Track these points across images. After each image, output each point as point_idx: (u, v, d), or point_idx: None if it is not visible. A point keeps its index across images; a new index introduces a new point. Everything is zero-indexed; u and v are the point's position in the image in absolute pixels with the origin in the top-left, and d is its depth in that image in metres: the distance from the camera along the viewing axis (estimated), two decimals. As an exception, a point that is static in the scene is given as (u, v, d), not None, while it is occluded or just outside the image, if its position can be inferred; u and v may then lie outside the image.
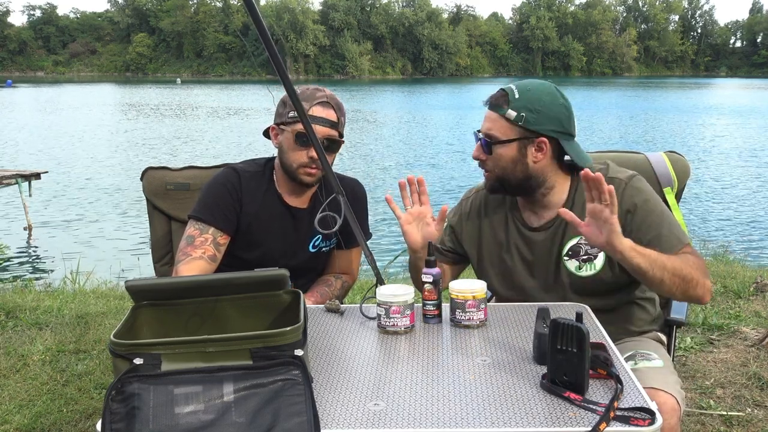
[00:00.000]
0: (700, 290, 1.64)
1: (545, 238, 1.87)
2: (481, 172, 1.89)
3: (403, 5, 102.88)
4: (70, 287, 5.47)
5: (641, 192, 1.78)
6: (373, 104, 38.10)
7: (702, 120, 27.88)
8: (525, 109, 1.75)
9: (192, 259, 1.95)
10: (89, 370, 3.22)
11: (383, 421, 1.20)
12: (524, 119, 1.75)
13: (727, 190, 12.95)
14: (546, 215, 1.88)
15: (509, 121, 1.76)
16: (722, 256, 6.16)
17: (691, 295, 1.65)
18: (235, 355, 1.16)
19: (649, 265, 1.58)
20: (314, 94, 2.01)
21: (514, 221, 1.93)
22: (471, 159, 1.88)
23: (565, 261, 1.84)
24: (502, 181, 1.83)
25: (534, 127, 1.76)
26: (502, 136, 1.78)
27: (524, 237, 1.91)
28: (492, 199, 1.97)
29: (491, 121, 1.80)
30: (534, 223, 1.89)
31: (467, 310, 1.65)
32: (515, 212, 1.93)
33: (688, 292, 1.65)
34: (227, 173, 2.10)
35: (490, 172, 1.84)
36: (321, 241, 2.16)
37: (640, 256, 1.58)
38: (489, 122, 1.81)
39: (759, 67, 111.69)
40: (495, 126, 1.79)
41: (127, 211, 10.98)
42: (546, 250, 1.87)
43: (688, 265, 1.64)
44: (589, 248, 1.81)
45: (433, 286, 1.69)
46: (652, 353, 1.78)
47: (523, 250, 1.91)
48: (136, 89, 55.47)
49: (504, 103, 1.77)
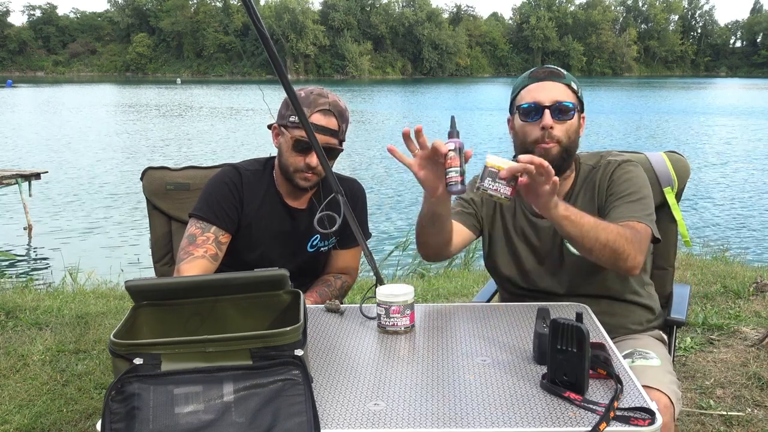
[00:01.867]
0: (630, 263, 1.69)
1: (550, 225, 1.89)
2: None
3: (403, 5, 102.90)
4: (70, 287, 5.47)
5: (627, 172, 1.86)
6: (373, 104, 38.08)
7: (702, 120, 27.88)
8: (576, 83, 1.85)
9: (194, 258, 1.94)
10: (89, 370, 3.22)
11: (383, 421, 1.20)
12: (580, 92, 1.84)
13: (727, 190, 12.95)
14: None
15: (573, 90, 1.83)
16: (722, 256, 6.16)
17: (620, 266, 1.71)
18: (234, 355, 1.16)
19: (580, 234, 1.65)
20: (317, 100, 1.97)
21: (521, 207, 1.96)
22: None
23: (566, 243, 1.88)
24: (568, 151, 1.84)
25: (582, 100, 1.86)
26: (573, 102, 1.83)
27: (531, 223, 1.94)
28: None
29: (558, 89, 1.82)
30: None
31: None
32: (522, 198, 1.94)
33: (617, 263, 1.70)
34: (229, 171, 2.09)
35: (559, 143, 1.81)
36: (319, 240, 2.16)
37: (571, 225, 1.63)
38: (555, 91, 1.81)
39: (759, 67, 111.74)
40: (563, 94, 1.82)
41: (127, 211, 10.97)
42: (550, 237, 1.91)
43: (623, 238, 1.67)
44: None
45: (456, 153, 1.57)
46: (650, 352, 1.78)
47: (531, 236, 1.94)
48: (136, 89, 55.46)
49: (562, 75, 1.84)
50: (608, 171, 1.88)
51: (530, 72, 1.89)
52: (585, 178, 1.91)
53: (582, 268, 1.86)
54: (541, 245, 1.93)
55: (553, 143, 1.80)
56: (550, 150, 1.80)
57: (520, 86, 1.89)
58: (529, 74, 1.89)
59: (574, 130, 1.83)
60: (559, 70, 1.86)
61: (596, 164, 1.92)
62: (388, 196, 12.06)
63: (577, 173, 1.92)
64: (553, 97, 1.81)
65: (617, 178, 1.85)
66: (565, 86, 1.83)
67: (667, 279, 2.17)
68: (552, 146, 1.80)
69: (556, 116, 1.80)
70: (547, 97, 1.81)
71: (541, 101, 1.81)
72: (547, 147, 1.80)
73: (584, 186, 1.90)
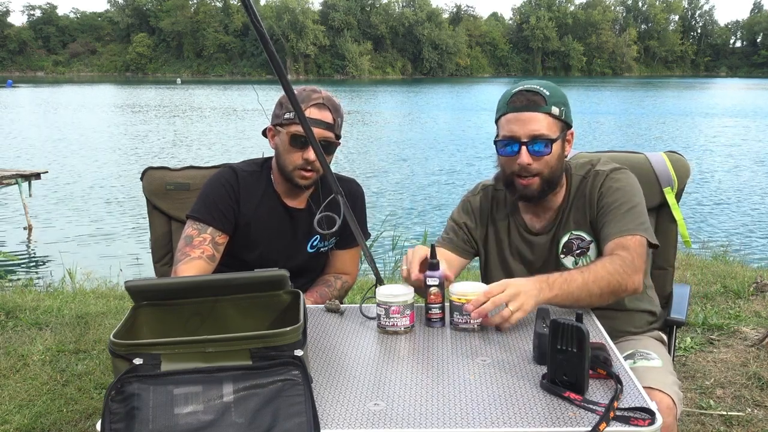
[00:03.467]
0: (630, 289, 1.68)
1: (546, 241, 1.89)
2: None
3: (403, 5, 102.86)
4: (70, 287, 5.47)
5: (616, 181, 1.82)
6: (373, 104, 38.09)
7: (702, 120, 27.88)
8: (560, 103, 1.78)
9: (191, 259, 1.96)
10: (89, 370, 3.22)
11: (383, 421, 1.20)
12: (564, 113, 1.77)
13: (726, 189, 12.94)
14: (546, 216, 1.90)
15: (555, 117, 1.76)
16: (722, 256, 6.16)
17: (622, 296, 1.71)
18: (234, 355, 1.16)
19: (575, 301, 1.63)
20: (310, 95, 2.01)
21: (516, 225, 1.94)
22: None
23: (562, 260, 1.87)
24: (550, 182, 1.80)
25: (568, 120, 1.79)
26: (553, 134, 1.76)
27: (526, 240, 1.92)
28: (494, 201, 1.98)
29: (537, 122, 1.74)
30: (536, 226, 1.91)
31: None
32: (516, 216, 1.95)
33: (619, 296, 1.70)
34: (225, 173, 2.09)
35: (539, 176, 1.77)
36: (319, 241, 2.16)
37: (563, 300, 1.61)
38: (535, 123, 1.74)
39: (759, 67, 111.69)
40: (543, 126, 1.75)
41: (127, 211, 10.97)
42: (546, 252, 1.90)
43: (614, 275, 1.64)
44: (580, 242, 1.84)
45: (439, 289, 1.66)
46: (651, 353, 1.78)
47: (525, 253, 1.92)
48: (136, 89, 55.45)
49: (542, 101, 1.75)
50: (597, 182, 1.84)
51: (510, 97, 1.80)
52: (576, 190, 1.88)
53: None
54: (535, 260, 1.91)
55: (532, 179, 1.78)
56: (530, 186, 1.79)
57: (500, 111, 1.83)
58: (508, 100, 1.80)
59: (556, 159, 1.79)
60: (540, 96, 1.76)
61: (586, 174, 1.88)
62: (389, 196, 12.06)
63: (569, 185, 1.89)
64: (530, 131, 1.74)
65: (606, 190, 1.82)
66: (545, 115, 1.75)
67: (667, 279, 2.17)
68: (531, 182, 1.78)
69: (534, 152, 1.75)
70: (524, 132, 1.75)
71: (518, 136, 1.75)
72: (525, 184, 1.79)
73: (575, 198, 1.87)
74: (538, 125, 1.74)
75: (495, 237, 1.97)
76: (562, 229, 1.87)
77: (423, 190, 12.66)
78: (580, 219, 1.84)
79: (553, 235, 1.88)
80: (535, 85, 1.80)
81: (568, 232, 1.86)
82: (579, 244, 1.85)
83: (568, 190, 1.89)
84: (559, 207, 1.89)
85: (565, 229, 1.86)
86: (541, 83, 1.82)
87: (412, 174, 14.27)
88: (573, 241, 1.85)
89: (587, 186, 1.87)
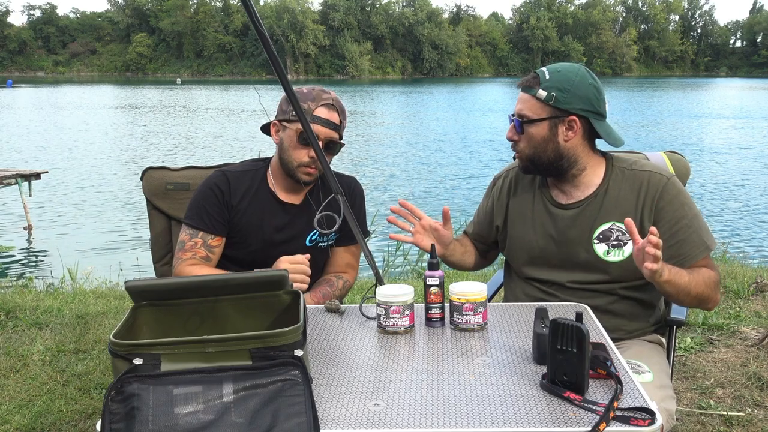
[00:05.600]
0: (711, 304, 1.85)
1: (572, 216, 1.90)
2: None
3: (403, 5, 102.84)
4: (69, 287, 5.47)
5: (679, 192, 1.86)
6: (373, 104, 38.09)
7: (702, 120, 27.88)
8: (555, 88, 1.83)
9: (183, 262, 2.03)
10: (89, 370, 3.22)
11: (383, 421, 1.20)
12: (554, 98, 1.82)
13: (726, 189, 12.95)
14: (576, 194, 1.92)
15: (540, 100, 1.84)
16: (722, 256, 6.16)
17: (701, 307, 1.87)
18: (234, 355, 1.16)
19: (676, 292, 1.75)
20: (320, 95, 2.04)
21: (542, 197, 1.97)
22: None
23: (594, 244, 1.87)
24: (533, 160, 1.90)
25: (564, 106, 1.83)
26: (534, 115, 1.85)
27: (550, 213, 1.94)
28: (522, 178, 2.04)
29: (523, 102, 1.88)
30: (562, 201, 1.94)
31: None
32: (544, 189, 1.98)
33: (700, 306, 1.85)
34: (214, 176, 2.13)
35: (521, 152, 1.91)
36: (318, 236, 2.17)
37: (670, 286, 1.72)
38: (521, 103, 1.88)
39: (759, 67, 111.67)
40: (526, 106, 1.87)
41: (126, 211, 10.97)
42: (571, 229, 1.90)
43: (705, 285, 1.79)
44: (621, 234, 1.85)
45: (439, 289, 1.67)
46: (642, 365, 1.76)
47: (548, 226, 1.94)
48: (136, 89, 55.45)
49: (535, 84, 1.85)
50: (657, 186, 1.84)
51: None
52: (621, 181, 1.88)
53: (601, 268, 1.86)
54: (557, 235, 1.92)
55: (518, 153, 1.92)
56: (519, 160, 1.95)
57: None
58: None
59: (539, 140, 1.85)
60: (536, 78, 1.86)
61: (629, 167, 1.90)
62: (388, 196, 12.06)
63: (608, 173, 1.90)
64: (517, 109, 1.89)
65: (671, 200, 1.84)
66: (530, 96, 1.85)
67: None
68: (518, 157, 1.94)
69: (518, 129, 1.89)
70: (516, 108, 1.90)
71: (513, 112, 1.91)
72: (515, 157, 1.95)
73: (621, 190, 1.87)
74: (522, 105, 1.88)
75: (518, 209, 2.02)
76: (597, 213, 1.87)
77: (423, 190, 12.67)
78: (630, 213, 1.83)
79: (582, 215, 1.88)
80: (554, 67, 1.89)
81: (610, 222, 1.86)
82: (619, 237, 1.85)
83: (606, 177, 1.90)
84: (595, 191, 1.89)
85: (606, 217, 1.86)
86: (558, 67, 1.88)
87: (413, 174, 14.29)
88: (613, 230, 1.86)
89: (642, 185, 1.85)
